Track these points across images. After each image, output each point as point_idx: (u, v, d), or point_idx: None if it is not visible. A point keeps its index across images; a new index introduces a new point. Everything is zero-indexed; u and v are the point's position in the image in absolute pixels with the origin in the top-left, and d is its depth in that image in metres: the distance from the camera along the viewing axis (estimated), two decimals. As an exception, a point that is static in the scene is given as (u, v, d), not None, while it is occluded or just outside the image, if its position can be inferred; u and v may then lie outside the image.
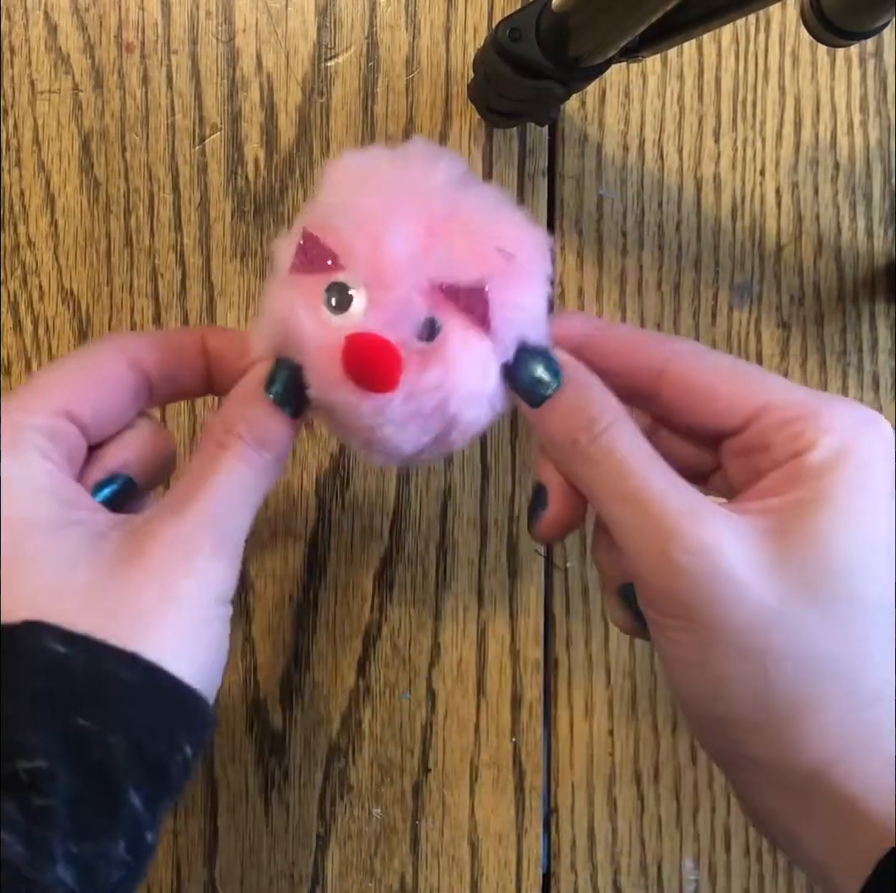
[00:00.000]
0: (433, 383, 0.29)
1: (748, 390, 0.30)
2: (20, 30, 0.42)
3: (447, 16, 0.43)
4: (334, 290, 0.29)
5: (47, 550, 0.27)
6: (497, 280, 0.29)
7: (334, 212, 0.30)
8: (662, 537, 0.28)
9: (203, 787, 0.43)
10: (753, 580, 0.27)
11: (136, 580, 0.27)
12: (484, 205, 0.30)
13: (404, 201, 0.29)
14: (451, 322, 0.29)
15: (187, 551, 0.28)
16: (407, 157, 0.31)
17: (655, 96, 0.44)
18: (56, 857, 0.24)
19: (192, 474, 0.30)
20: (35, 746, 0.24)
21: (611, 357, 0.31)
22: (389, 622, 0.44)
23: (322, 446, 0.43)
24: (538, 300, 0.30)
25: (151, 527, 0.28)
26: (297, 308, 0.29)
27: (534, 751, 0.44)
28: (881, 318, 0.45)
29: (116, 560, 0.27)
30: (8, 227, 0.42)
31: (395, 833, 0.44)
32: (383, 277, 0.29)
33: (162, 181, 0.43)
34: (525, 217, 0.31)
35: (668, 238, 0.44)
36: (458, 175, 0.31)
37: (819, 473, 0.28)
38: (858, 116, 0.45)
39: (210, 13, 0.43)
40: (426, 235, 0.29)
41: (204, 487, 0.29)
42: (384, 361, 0.29)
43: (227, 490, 0.29)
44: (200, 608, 0.28)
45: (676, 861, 0.44)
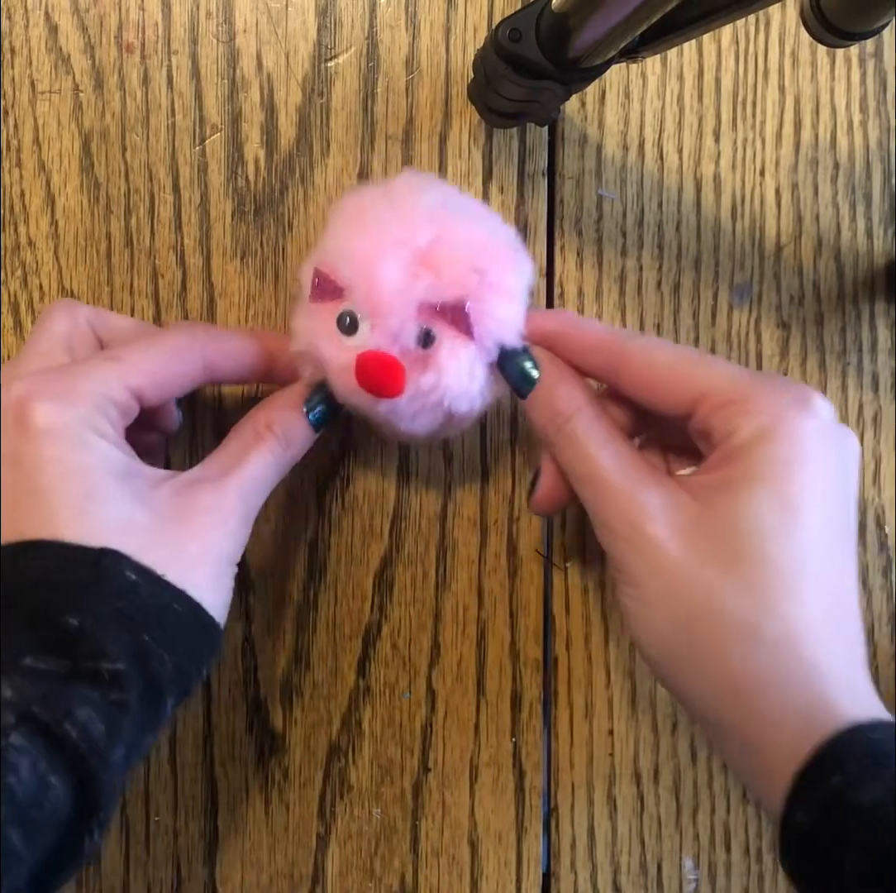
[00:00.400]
0: (429, 386, 0.36)
1: (689, 381, 0.34)
2: (21, 30, 0.42)
3: (447, 16, 0.43)
4: (345, 316, 0.36)
5: (118, 491, 0.33)
6: (474, 297, 0.35)
7: (337, 255, 0.37)
8: (606, 510, 0.34)
9: (203, 787, 0.43)
10: (673, 544, 0.33)
11: (187, 534, 0.33)
12: (462, 227, 0.36)
13: (391, 239, 0.36)
14: (444, 333, 0.36)
15: (224, 519, 0.35)
16: (395, 192, 0.37)
17: (655, 96, 0.44)
18: (122, 740, 0.30)
19: (230, 453, 0.36)
20: (117, 653, 0.30)
21: (575, 356, 0.37)
22: (389, 622, 0.44)
23: (322, 446, 0.43)
24: (513, 306, 0.37)
25: (196, 493, 0.34)
26: (318, 337, 0.37)
27: (534, 751, 0.44)
28: (881, 318, 0.45)
29: (171, 511, 0.33)
30: (8, 227, 0.42)
31: (395, 833, 0.44)
32: (379, 309, 0.36)
33: (162, 181, 0.43)
34: (500, 228, 0.38)
35: (668, 238, 0.44)
36: (440, 201, 0.37)
37: (742, 452, 0.33)
38: (858, 117, 0.45)
39: (210, 13, 0.43)
40: (414, 263, 0.35)
41: (241, 466, 0.36)
42: (389, 373, 0.36)
43: (258, 473, 0.36)
44: (227, 564, 0.35)
45: (676, 860, 0.45)
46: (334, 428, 0.43)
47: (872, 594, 0.45)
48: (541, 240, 0.44)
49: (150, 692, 0.31)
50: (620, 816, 0.44)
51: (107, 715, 0.29)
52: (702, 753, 0.44)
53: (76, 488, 0.32)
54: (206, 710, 0.43)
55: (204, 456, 0.37)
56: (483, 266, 0.36)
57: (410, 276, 0.35)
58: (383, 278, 0.35)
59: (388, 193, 0.37)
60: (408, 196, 0.37)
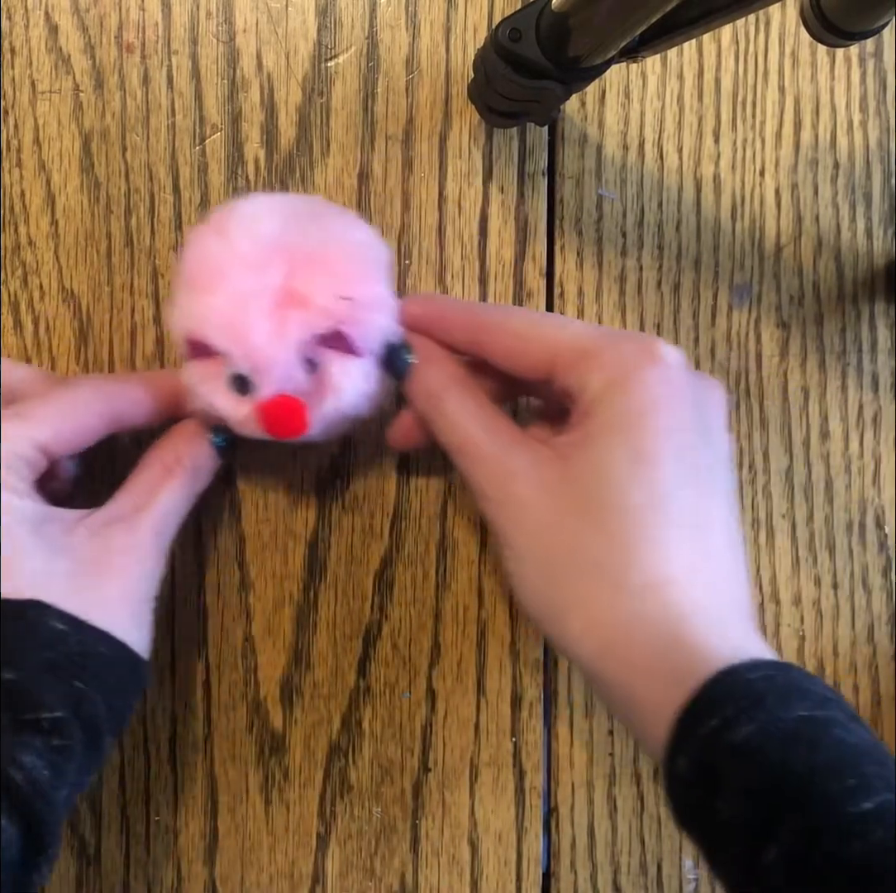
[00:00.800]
0: (332, 408, 0.37)
1: (543, 343, 0.36)
2: (21, 30, 0.42)
3: (447, 16, 0.43)
4: (235, 379, 0.37)
5: (36, 543, 0.34)
6: (348, 321, 0.36)
7: (198, 319, 0.36)
8: (478, 476, 0.36)
9: (203, 787, 0.43)
10: (538, 501, 0.34)
11: (105, 577, 0.35)
12: (314, 251, 0.36)
13: (244, 290, 0.36)
14: (328, 356, 0.37)
15: (140, 559, 0.36)
16: (229, 232, 0.37)
17: (655, 96, 0.44)
18: (66, 782, 0.31)
19: (142, 489, 0.37)
20: (53, 702, 0.31)
21: (444, 335, 0.38)
22: (390, 622, 0.44)
23: (322, 446, 0.43)
24: (387, 311, 0.38)
25: (111, 533, 0.36)
26: (212, 395, 0.37)
27: (534, 751, 0.44)
28: (881, 318, 0.45)
29: (89, 555, 0.35)
30: (8, 227, 0.42)
31: (395, 833, 0.44)
32: (260, 365, 0.36)
33: (162, 181, 0.43)
34: (350, 231, 0.38)
35: (668, 238, 0.44)
36: (279, 227, 0.37)
37: (595, 406, 0.34)
38: (858, 117, 0.45)
39: (210, 13, 0.43)
40: (278, 306, 0.36)
41: (153, 503, 0.37)
42: (292, 418, 0.37)
43: (170, 507, 0.37)
44: (146, 601, 0.36)
45: (676, 860, 0.45)
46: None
47: (872, 594, 0.45)
48: (541, 240, 0.44)
49: (89, 735, 0.32)
50: (620, 816, 0.44)
51: (50, 761, 0.31)
52: (702, 753, 0.44)
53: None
54: (206, 710, 0.43)
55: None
56: (349, 290, 0.36)
57: (279, 322, 0.36)
58: (253, 339, 0.36)
59: (223, 234, 0.37)
60: (244, 234, 0.36)
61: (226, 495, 0.43)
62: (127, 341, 0.43)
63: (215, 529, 0.43)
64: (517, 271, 0.44)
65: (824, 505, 0.45)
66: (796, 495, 0.44)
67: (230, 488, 0.43)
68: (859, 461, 0.45)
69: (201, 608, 0.43)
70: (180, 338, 0.38)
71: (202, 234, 0.37)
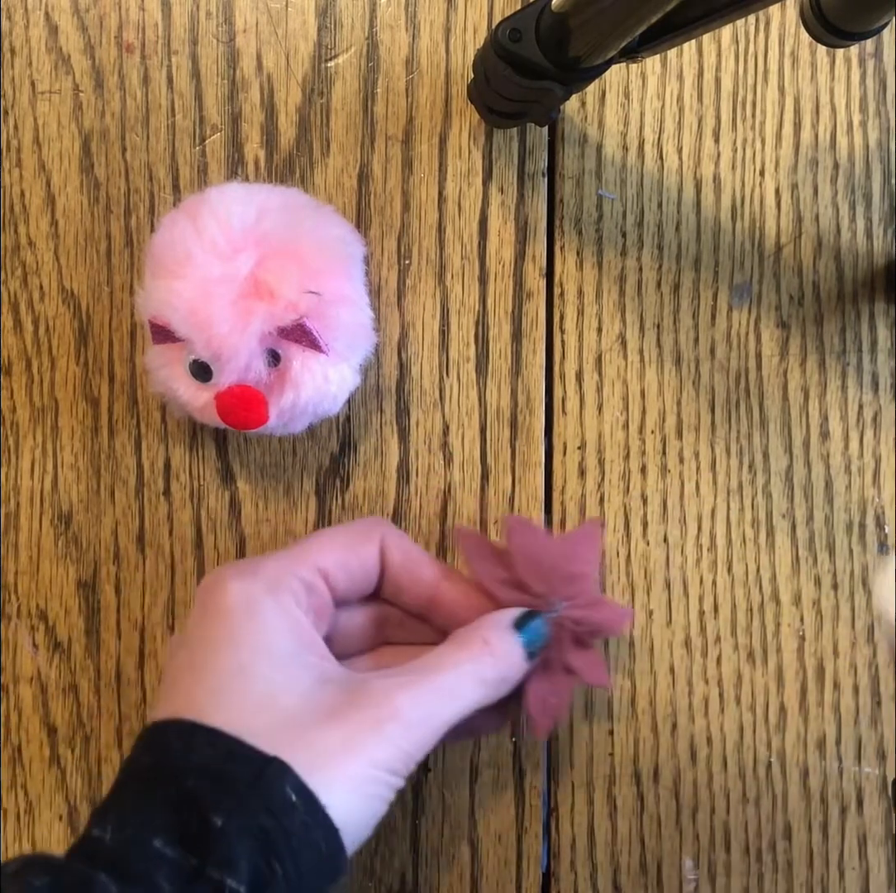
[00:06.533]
0: (290, 402, 0.37)
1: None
2: (20, 30, 0.42)
3: (447, 16, 0.43)
4: (195, 366, 0.37)
5: (275, 680, 0.31)
6: (313, 314, 0.36)
7: (162, 304, 0.36)
8: None
9: (203, 787, 0.43)
10: None
11: (354, 752, 0.31)
12: (286, 242, 0.36)
13: (211, 278, 0.35)
14: (291, 350, 0.37)
15: (378, 719, 0.31)
16: (201, 218, 0.36)
17: (655, 97, 0.44)
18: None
19: (431, 658, 0.35)
20: (241, 873, 0.28)
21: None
22: (389, 622, 0.44)
23: (322, 446, 0.43)
24: (355, 306, 0.38)
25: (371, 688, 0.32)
26: (172, 381, 0.38)
27: (534, 751, 0.44)
28: (881, 318, 0.45)
29: (329, 709, 0.31)
30: (8, 227, 0.42)
31: (394, 833, 0.44)
32: (221, 354, 0.36)
33: (162, 182, 0.43)
34: (325, 225, 0.38)
35: (668, 238, 0.44)
36: (253, 216, 0.37)
37: None
38: (858, 117, 0.45)
39: (210, 14, 0.43)
40: (242, 295, 0.35)
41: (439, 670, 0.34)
42: (250, 409, 0.37)
43: (455, 682, 0.34)
44: (389, 787, 0.32)
45: (676, 860, 0.45)
46: (334, 428, 0.43)
47: (872, 595, 0.45)
48: (541, 240, 0.44)
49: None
50: (620, 816, 0.44)
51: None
52: (701, 753, 0.44)
53: (259, 676, 0.31)
54: (206, 710, 0.43)
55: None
56: (316, 283, 0.36)
57: (243, 312, 0.35)
58: (215, 326, 0.35)
59: (194, 219, 0.37)
60: (216, 221, 0.36)
61: (226, 495, 0.43)
62: (127, 341, 0.43)
63: (215, 529, 0.43)
64: (517, 271, 0.44)
65: (824, 505, 0.45)
66: (796, 495, 0.44)
67: (230, 488, 0.43)
68: (859, 461, 0.45)
69: (201, 608, 0.43)
70: (144, 321, 0.38)
71: (174, 218, 0.37)
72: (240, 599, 0.32)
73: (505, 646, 0.35)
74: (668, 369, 0.44)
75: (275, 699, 0.31)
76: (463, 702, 0.33)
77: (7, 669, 0.43)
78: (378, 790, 0.31)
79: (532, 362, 0.44)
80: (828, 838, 0.44)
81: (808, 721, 0.44)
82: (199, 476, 0.43)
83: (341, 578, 0.36)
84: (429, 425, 0.44)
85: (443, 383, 0.44)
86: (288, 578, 0.34)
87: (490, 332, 0.44)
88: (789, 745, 0.44)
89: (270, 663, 0.32)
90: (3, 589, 0.43)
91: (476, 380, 0.44)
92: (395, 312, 0.43)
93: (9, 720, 0.43)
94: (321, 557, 0.35)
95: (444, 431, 0.44)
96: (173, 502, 0.43)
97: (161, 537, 0.43)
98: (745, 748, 0.44)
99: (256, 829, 0.29)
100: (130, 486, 0.43)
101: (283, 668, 0.32)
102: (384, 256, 0.43)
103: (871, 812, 0.44)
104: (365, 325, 0.39)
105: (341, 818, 0.30)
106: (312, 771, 0.30)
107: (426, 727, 0.32)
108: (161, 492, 0.43)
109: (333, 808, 0.30)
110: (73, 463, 0.43)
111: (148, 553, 0.43)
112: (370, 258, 0.43)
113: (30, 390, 0.43)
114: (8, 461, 0.43)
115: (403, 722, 0.32)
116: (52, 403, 0.43)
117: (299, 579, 0.34)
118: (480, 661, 0.34)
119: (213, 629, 0.32)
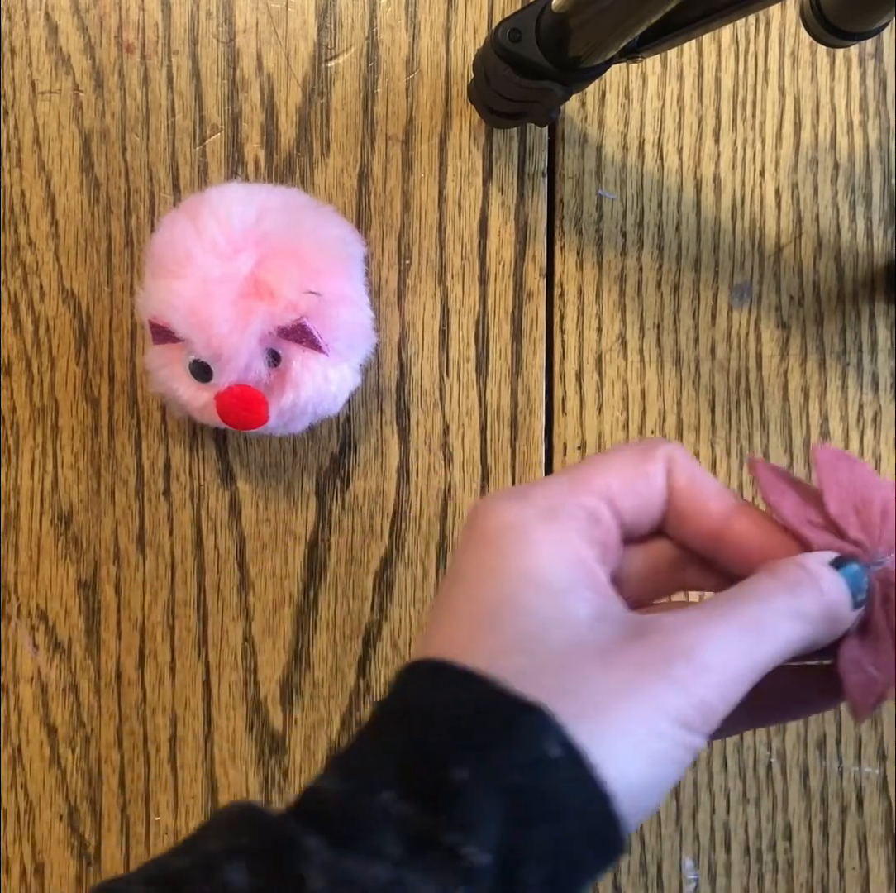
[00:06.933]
0: (290, 402, 0.37)
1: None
2: (21, 30, 0.42)
3: (447, 16, 0.43)
4: (195, 366, 0.37)
5: (545, 614, 0.26)
6: (313, 314, 0.36)
7: (162, 304, 0.36)
8: None
9: (203, 787, 0.43)
10: None
11: (636, 700, 0.25)
12: (286, 242, 0.36)
13: (211, 278, 0.35)
14: (291, 350, 0.37)
15: (666, 660, 0.25)
16: (201, 218, 0.37)
17: (655, 97, 0.44)
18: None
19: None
20: (483, 838, 0.23)
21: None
22: (390, 622, 0.44)
23: (322, 445, 0.43)
24: (355, 306, 0.38)
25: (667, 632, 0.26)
26: (172, 381, 0.38)
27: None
28: (881, 318, 0.45)
29: (605, 649, 0.26)
30: (8, 227, 0.42)
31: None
32: (221, 354, 0.36)
33: (162, 181, 0.43)
34: (325, 225, 0.38)
35: (668, 238, 0.44)
36: (253, 216, 0.37)
37: None
38: (858, 117, 0.45)
39: (210, 14, 0.43)
40: (243, 296, 0.35)
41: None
42: (250, 409, 0.37)
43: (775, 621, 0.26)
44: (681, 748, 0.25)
45: (676, 860, 0.45)
46: (334, 428, 0.43)
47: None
48: (541, 240, 0.44)
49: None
50: (620, 816, 0.44)
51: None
52: (701, 753, 0.44)
53: (526, 609, 0.26)
54: (206, 710, 0.43)
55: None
56: (316, 283, 0.36)
57: (243, 312, 0.36)
58: (215, 326, 0.35)
59: (194, 219, 0.37)
60: (216, 221, 0.36)
61: (226, 495, 0.43)
62: (127, 341, 0.43)
63: (215, 529, 0.43)
64: (517, 271, 0.44)
65: (824, 505, 0.45)
66: (796, 495, 0.44)
67: (230, 488, 0.43)
68: (859, 461, 0.45)
69: (201, 608, 0.43)
70: (144, 321, 0.38)
71: (174, 218, 0.38)
72: (510, 523, 0.28)
73: (832, 577, 0.28)
74: (668, 370, 0.44)
75: (542, 637, 0.26)
76: (776, 642, 0.26)
77: (7, 669, 0.43)
78: (666, 747, 0.25)
79: (532, 362, 0.44)
80: (828, 838, 0.44)
81: (808, 721, 0.44)
82: (199, 476, 0.43)
83: (629, 504, 0.29)
84: (429, 425, 0.44)
85: (443, 383, 0.44)
86: (567, 504, 0.28)
87: (490, 332, 0.44)
88: (789, 745, 0.44)
89: (540, 595, 0.27)
90: (3, 589, 0.43)
91: (476, 380, 0.44)
92: (395, 312, 0.43)
93: (9, 720, 0.43)
94: (606, 479, 0.29)
95: (445, 431, 0.44)
96: (173, 502, 0.43)
97: (161, 537, 0.43)
98: (745, 748, 0.44)
99: (506, 788, 0.24)
100: (130, 486, 0.43)
101: (556, 602, 0.27)
102: (384, 256, 0.43)
103: (871, 812, 0.44)
104: (365, 325, 0.39)
105: (617, 780, 0.24)
106: (581, 721, 0.24)
107: (729, 672, 0.26)
108: (161, 492, 0.43)
109: (607, 767, 0.24)
110: (73, 463, 0.43)
111: (148, 553, 0.43)
112: (370, 258, 0.43)
113: (30, 390, 0.43)
114: (8, 461, 0.43)
115: (698, 663, 0.25)
116: (52, 403, 0.43)
117: (581, 505, 0.28)
118: (800, 589, 0.27)
119: (477, 558, 0.28)
